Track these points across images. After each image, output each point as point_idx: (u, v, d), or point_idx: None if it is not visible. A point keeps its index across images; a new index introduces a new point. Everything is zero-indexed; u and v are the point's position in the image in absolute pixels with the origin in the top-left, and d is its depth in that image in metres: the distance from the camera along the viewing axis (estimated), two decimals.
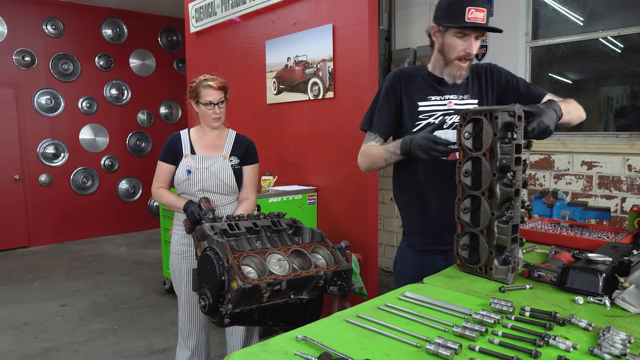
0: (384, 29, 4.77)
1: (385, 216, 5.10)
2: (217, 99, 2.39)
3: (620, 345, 1.03)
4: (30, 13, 6.47)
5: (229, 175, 2.40)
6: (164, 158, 2.45)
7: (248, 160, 2.48)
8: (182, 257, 2.49)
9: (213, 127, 2.42)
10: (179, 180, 2.38)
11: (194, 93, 2.41)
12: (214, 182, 2.38)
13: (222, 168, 2.38)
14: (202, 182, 2.37)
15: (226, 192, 2.42)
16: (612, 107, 3.78)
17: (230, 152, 2.45)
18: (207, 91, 2.38)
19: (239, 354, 1.08)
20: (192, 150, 2.41)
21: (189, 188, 2.37)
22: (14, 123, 6.45)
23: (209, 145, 2.45)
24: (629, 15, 3.52)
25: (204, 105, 2.37)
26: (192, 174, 2.35)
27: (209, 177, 2.37)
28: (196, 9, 4.83)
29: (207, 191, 2.37)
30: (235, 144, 2.49)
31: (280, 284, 1.89)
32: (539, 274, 1.53)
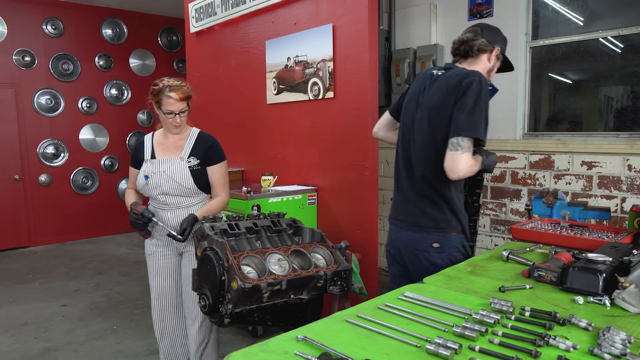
0: (384, 29, 4.77)
1: (385, 216, 5.10)
2: (178, 109, 2.35)
3: (620, 345, 1.03)
4: (30, 13, 6.47)
5: (186, 177, 2.38)
6: (132, 163, 2.53)
7: (211, 160, 2.46)
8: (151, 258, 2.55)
9: (173, 133, 2.44)
10: (140, 185, 2.42)
11: (156, 97, 2.36)
12: (172, 185, 2.37)
13: (178, 170, 2.38)
14: (161, 186, 2.37)
15: (186, 194, 2.41)
16: (612, 107, 3.78)
17: (190, 153, 2.43)
18: (169, 101, 2.33)
19: (239, 354, 1.08)
20: (152, 154, 2.44)
21: (149, 192, 2.41)
22: (14, 123, 6.44)
23: (169, 148, 2.46)
24: (629, 15, 3.52)
25: (164, 114, 2.36)
26: (149, 179, 2.37)
27: (166, 180, 2.37)
28: (196, 9, 4.83)
29: (167, 194, 2.38)
30: (197, 144, 2.46)
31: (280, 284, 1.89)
32: (539, 274, 1.53)
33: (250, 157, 4.42)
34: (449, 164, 1.79)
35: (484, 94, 1.83)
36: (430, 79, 2.01)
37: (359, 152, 3.37)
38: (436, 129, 1.89)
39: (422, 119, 1.96)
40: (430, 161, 1.93)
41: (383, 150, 4.90)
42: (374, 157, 3.34)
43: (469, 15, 4.26)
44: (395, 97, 4.70)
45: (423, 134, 1.95)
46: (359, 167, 3.37)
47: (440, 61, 4.44)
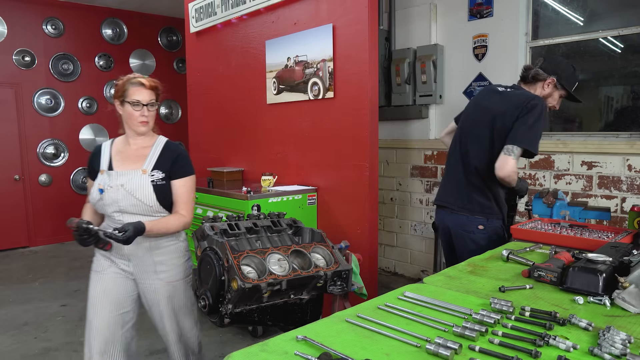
0: (384, 29, 4.77)
1: (385, 216, 5.11)
2: (146, 99, 2.05)
3: (620, 345, 1.03)
4: (30, 13, 6.47)
5: (147, 193, 2.02)
6: (88, 174, 2.18)
7: (177, 172, 2.11)
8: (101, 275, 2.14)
9: (139, 132, 2.08)
10: (94, 200, 2.06)
11: (120, 92, 2.06)
12: (130, 201, 2.02)
13: (139, 185, 2.02)
14: (117, 202, 2.02)
15: (147, 212, 2.04)
16: (612, 107, 3.78)
17: (154, 165, 2.08)
18: (136, 89, 2.04)
19: (239, 354, 1.08)
20: (110, 165, 2.09)
21: (104, 209, 2.06)
22: (14, 123, 6.44)
23: (130, 157, 2.11)
24: (629, 15, 3.52)
25: (130, 105, 2.03)
26: (105, 193, 2.02)
27: (124, 196, 2.01)
28: (196, 9, 4.83)
29: (124, 212, 2.03)
30: (163, 154, 2.11)
31: (280, 284, 1.89)
32: (539, 274, 1.53)
33: (250, 157, 4.42)
34: (500, 164, 2.20)
35: (543, 117, 2.23)
36: (497, 93, 2.40)
37: (359, 152, 3.37)
38: (495, 134, 2.27)
39: (485, 124, 2.33)
40: (484, 158, 2.31)
41: (383, 150, 4.90)
42: (374, 157, 3.34)
43: (469, 15, 4.26)
44: (395, 97, 4.70)
45: (484, 136, 2.32)
46: (359, 167, 3.37)
47: (440, 61, 4.45)
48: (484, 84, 4.21)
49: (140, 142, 2.13)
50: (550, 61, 2.41)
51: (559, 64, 2.39)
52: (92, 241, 1.90)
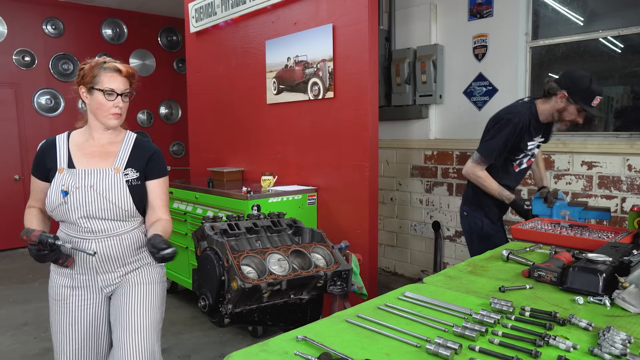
0: (384, 29, 4.77)
1: (385, 216, 5.11)
2: (121, 88, 1.77)
3: (620, 345, 1.03)
4: (30, 13, 6.47)
5: (123, 195, 1.75)
6: (34, 172, 1.83)
7: (153, 173, 1.86)
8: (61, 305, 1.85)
9: (110, 125, 1.79)
10: (53, 205, 1.72)
11: (89, 77, 1.77)
12: (102, 204, 1.72)
13: (113, 185, 1.74)
14: (86, 206, 1.70)
15: (121, 218, 1.76)
16: (612, 107, 3.78)
17: (127, 163, 1.81)
18: (110, 75, 1.76)
19: (239, 354, 1.08)
20: (69, 162, 1.77)
21: (67, 215, 1.72)
22: (14, 123, 6.44)
23: (96, 154, 1.80)
24: (629, 15, 3.52)
25: (102, 94, 1.74)
26: (70, 196, 1.70)
27: (94, 198, 1.71)
28: (196, 9, 4.83)
29: (93, 218, 1.72)
30: (135, 151, 1.85)
31: (280, 284, 1.89)
32: (539, 274, 1.53)
33: (250, 157, 4.42)
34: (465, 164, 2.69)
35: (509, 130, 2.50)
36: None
37: (359, 152, 3.37)
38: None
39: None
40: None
41: (383, 150, 4.90)
42: (374, 157, 3.34)
43: (469, 15, 4.26)
44: (395, 97, 4.70)
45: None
46: (359, 167, 3.37)
47: (440, 61, 4.45)
48: (484, 84, 4.21)
49: (107, 136, 1.84)
50: (565, 74, 2.45)
51: (572, 78, 2.41)
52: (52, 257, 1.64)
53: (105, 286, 1.81)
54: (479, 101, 4.26)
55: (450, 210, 4.55)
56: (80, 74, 1.83)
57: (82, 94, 1.82)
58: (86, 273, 1.79)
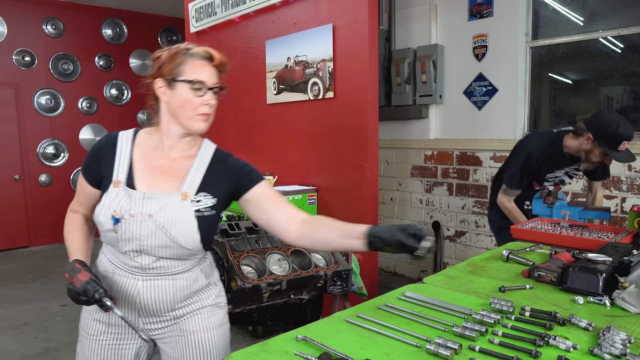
0: (384, 29, 4.77)
1: (385, 216, 5.10)
2: (212, 80, 1.40)
3: (620, 345, 1.03)
4: (30, 13, 6.47)
5: (189, 230, 1.32)
6: (85, 172, 1.43)
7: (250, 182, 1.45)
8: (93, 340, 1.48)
9: (195, 129, 1.37)
10: (102, 227, 1.34)
11: (169, 66, 1.38)
12: (162, 240, 1.32)
13: (177, 216, 1.32)
14: (139, 240, 1.32)
15: (180, 256, 1.37)
16: (612, 107, 3.78)
17: (200, 185, 1.38)
18: (199, 64, 1.39)
19: (239, 354, 1.08)
20: (129, 176, 1.36)
21: (117, 244, 1.35)
22: (14, 123, 6.44)
23: (164, 170, 1.39)
24: (629, 15, 3.52)
25: (187, 87, 1.34)
26: (121, 224, 1.31)
27: (152, 232, 1.31)
28: (196, 9, 4.83)
29: (148, 254, 1.34)
30: (213, 168, 1.42)
31: (280, 284, 1.90)
32: (539, 274, 1.53)
33: (250, 157, 4.42)
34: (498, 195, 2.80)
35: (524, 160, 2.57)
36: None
37: (359, 152, 3.37)
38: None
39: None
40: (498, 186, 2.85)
41: (383, 150, 4.90)
42: (374, 157, 3.34)
43: (469, 15, 4.27)
44: (395, 97, 4.70)
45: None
46: (359, 167, 3.37)
47: (440, 61, 4.45)
48: (484, 84, 4.22)
49: (183, 146, 1.41)
50: (593, 116, 2.41)
51: (599, 121, 2.36)
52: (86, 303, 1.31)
53: (148, 330, 1.44)
54: (479, 101, 4.26)
55: (450, 210, 4.55)
56: (156, 65, 1.42)
57: (159, 89, 1.39)
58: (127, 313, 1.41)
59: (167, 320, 1.42)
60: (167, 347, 1.45)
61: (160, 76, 1.39)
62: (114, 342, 1.45)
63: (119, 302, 1.39)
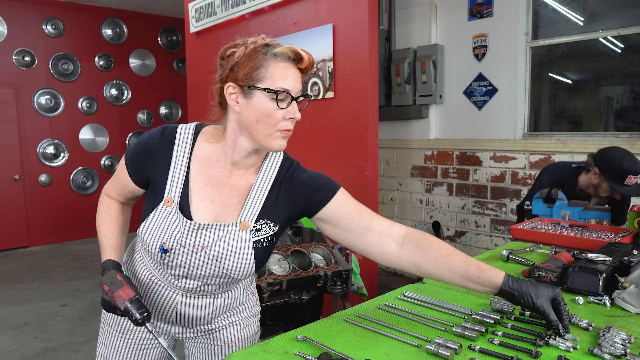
0: (384, 29, 4.77)
1: (385, 216, 5.09)
2: (298, 88, 1.13)
3: (621, 345, 1.03)
4: (30, 13, 6.47)
5: (245, 262, 1.17)
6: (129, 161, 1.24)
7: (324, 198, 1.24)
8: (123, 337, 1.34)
9: (275, 148, 1.14)
10: (146, 247, 1.20)
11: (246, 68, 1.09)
12: (212, 271, 1.18)
13: (234, 248, 1.16)
14: (188, 269, 1.18)
15: (228, 283, 1.24)
16: (612, 107, 3.78)
17: (261, 211, 1.19)
18: (284, 66, 1.13)
19: (239, 354, 1.08)
20: (183, 193, 1.17)
21: (162, 267, 1.22)
22: (14, 123, 6.44)
23: (223, 189, 1.19)
24: (629, 15, 3.52)
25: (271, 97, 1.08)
26: (170, 254, 1.17)
27: (203, 262, 1.17)
28: (196, 9, 4.83)
29: (193, 279, 1.21)
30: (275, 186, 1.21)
31: (280, 284, 1.90)
32: (539, 274, 1.53)
33: None
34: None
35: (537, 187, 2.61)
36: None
37: (359, 152, 3.37)
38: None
39: None
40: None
41: (383, 150, 4.90)
42: (374, 157, 3.34)
43: (469, 15, 4.27)
44: (395, 97, 4.70)
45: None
46: (359, 167, 3.37)
47: (440, 61, 4.45)
48: (484, 84, 4.22)
49: (249, 162, 1.19)
50: (599, 151, 2.46)
51: (604, 155, 2.42)
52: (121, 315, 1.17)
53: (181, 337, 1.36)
54: (479, 101, 4.26)
55: (450, 210, 4.55)
56: (227, 65, 1.12)
57: (230, 96, 1.10)
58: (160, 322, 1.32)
59: (201, 332, 1.33)
60: (195, 350, 1.38)
61: (233, 80, 1.10)
62: (142, 341, 1.34)
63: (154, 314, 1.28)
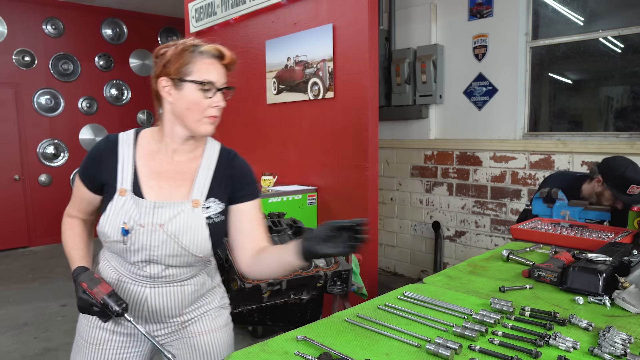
0: (384, 29, 4.77)
1: (385, 216, 5.10)
2: (222, 80, 1.35)
3: (621, 345, 1.03)
4: (30, 13, 6.47)
5: (201, 238, 1.29)
6: (82, 175, 1.35)
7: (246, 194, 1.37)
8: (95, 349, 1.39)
9: (202, 132, 1.32)
10: (108, 238, 1.27)
11: (176, 64, 1.26)
12: (173, 249, 1.27)
13: (189, 225, 1.28)
14: (149, 250, 1.26)
15: (190, 264, 1.33)
16: (612, 107, 3.78)
17: (209, 190, 1.32)
18: (208, 63, 1.31)
19: (239, 354, 1.08)
20: (135, 182, 1.28)
21: (125, 255, 1.29)
22: (14, 123, 6.44)
23: (170, 174, 1.32)
24: (629, 15, 3.52)
25: (198, 88, 1.28)
26: (131, 236, 1.25)
27: (163, 241, 1.26)
28: (196, 9, 4.83)
29: (158, 263, 1.29)
30: (219, 171, 1.36)
31: (280, 284, 1.90)
32: (539, 274, 1.53)
33: (250, 157, 4.39)
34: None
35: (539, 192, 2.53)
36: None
37: (359, 152, 3.37)
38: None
39: None
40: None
41: (383, 150, 4.90)
42: (374, 157, 3.34)
43: (469, 15, 4.27)
44: (395, 97, 4.70)
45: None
46: (359, 167, 3.37)
47: (440, 61, 4.45)
48: (484, 84, 4.22)
49: (188, 148, 1.34)
50: (604, 160, 2.48)
51: (608, 163, 2.43)
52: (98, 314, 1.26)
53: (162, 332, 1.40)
54: (479, 101, 4.26)
55: (450, 210, 4.55)
56: (160, 62, 1.28)
57: (164, 88, 1.27)
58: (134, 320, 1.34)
59: (174, 325, 1.39)
60: (173, 350, 1.40)
61: (166, 75, 1.26)
62: (119, 350, 1.37)
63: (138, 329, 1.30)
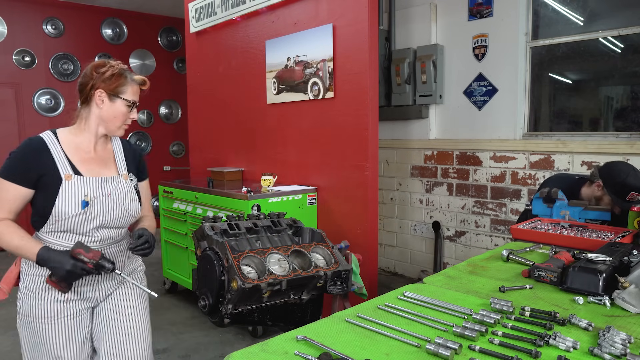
0: (384, 29, 4.77)
1: (385, 216, 5.10)
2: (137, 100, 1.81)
3: (620, 345, 1.03)
4: (30, 13, 6.47)
5: (135, 202, 1.79)
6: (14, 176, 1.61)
7: (143, 173, 1.92)
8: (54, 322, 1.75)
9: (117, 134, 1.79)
10: (66, 215, 1.61)
11: (114, 83, 1.71)
12: (118, 213, 1.72)
13: (127, 193, 1.76)
14: (103, 216, 1.67)
15: (127, 224, 1.81)
16: (612, 107, 3.78)
17: (127, 167, 1.84)
18: (136, 88, 1.77)
19: (239, 354, 1.08)
20: (73, 167, 1.67)
21: (81, 226, 1.65)
22: (14, 123, 6.44)
23: (95, 161, 1.75)
24: (629, 15, 3.52)
25: (124, 105, 1.73)
26: (90, 207, 1.64)
27: (112, 208, 1.70)
28: (196, 9, 4.83)
29: (107, 227, 1.71)
30: (126, 155, 1.86)
31: (280, 284, 1.89)
32: (539, 274, 1.53)
33: (250, 157, 4.42)
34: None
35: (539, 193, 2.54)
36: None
37: (359, 152, 3.37)
38: None
39: None
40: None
41: (383, 150, 4.90)
42: (374, 157, 3.34)
43: (469, 15, 4.27)
44: (395, 97, 4.70)
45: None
46: (359, 167, 3.37)
47: (440, 61, 4.45)
48: (484, 84, 4.22)
49: (102, 141, 1.80)
50: (605, 164, 2.50)
51: (609, 168, 2.44)
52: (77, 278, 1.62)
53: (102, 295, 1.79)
54: (479, 101, 4.26)
55: (450, 210, 4.55)
56: (100, 77, 1.71)
57: (98, 97, 1.72)
58: (89, 284, 1.74)
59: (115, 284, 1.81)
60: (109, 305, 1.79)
61: (104, 88, 1.70)
62: (75, 315, 1.72)
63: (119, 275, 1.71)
